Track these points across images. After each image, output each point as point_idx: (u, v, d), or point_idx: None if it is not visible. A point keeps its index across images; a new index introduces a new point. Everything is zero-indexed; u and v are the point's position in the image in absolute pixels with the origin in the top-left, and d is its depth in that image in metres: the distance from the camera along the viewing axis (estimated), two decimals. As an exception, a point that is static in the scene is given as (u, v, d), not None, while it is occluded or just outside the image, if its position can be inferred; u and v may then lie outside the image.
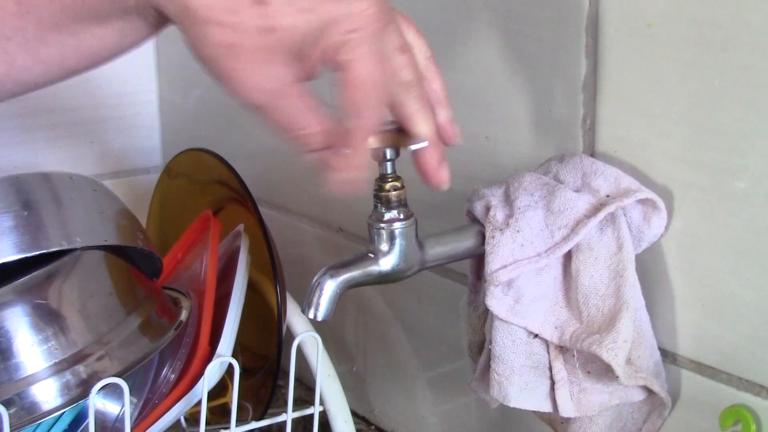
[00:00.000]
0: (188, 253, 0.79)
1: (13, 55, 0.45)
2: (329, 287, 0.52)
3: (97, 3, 0.45)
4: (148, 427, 0.62)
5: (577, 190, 0.56)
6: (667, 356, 0.57)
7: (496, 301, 0.55)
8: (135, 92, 1.12)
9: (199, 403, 0.62)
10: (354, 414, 0.73)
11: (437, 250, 0.56)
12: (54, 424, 0.63)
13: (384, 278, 0.54)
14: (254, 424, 0.69)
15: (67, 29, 0.45)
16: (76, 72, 0.48)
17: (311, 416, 0.67)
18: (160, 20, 0.46)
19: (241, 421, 0.69)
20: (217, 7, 0.42)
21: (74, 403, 0.58)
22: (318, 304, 0.52)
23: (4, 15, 0.44)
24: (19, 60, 0.46)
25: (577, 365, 0.55)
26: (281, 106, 0.45)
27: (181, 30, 0.44)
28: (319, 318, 0.52)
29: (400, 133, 0.50)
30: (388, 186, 0.53)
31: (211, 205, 0.82)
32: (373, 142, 0.50)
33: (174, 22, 0.44)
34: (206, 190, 0.84)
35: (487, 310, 0.57)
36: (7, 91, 0.47)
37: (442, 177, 0.51)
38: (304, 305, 0.52)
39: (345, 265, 0.53)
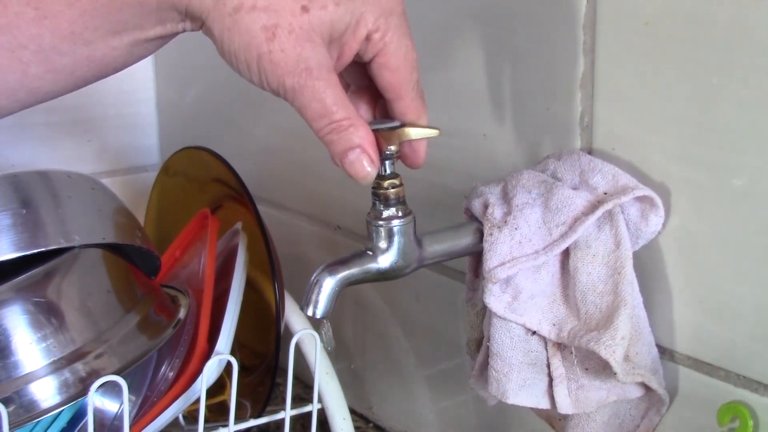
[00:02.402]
0: (186, 251, 0.79)
1: (27, 63, 0.46)
2: (328, 284, 0.52)
3: (115, 9, 0.45)
4: (146, 425, 0.62)
5: (574, 188, 0.56)
6: (665, 353, 0.57)
7: (494, 298, 0.55)
8: (133, 90, 1.12)
9: (197, 400, 0.62)
10: (352, 411, 0.73)
11: (435, 247, 0.56)
12: (52, 422, 0.63)
13: (382, 275, 0.54)
14: (252, 422, 0.69)
15: (82, 38, 0.46)
16: (85, 82, 0.49)
17: (309, 414, 0.67)
18: (172, 33, 0.47)
19: (239, 418, 0.69)
20: None
21: (73, 400, 0.58)
22: (316, 302, 0.52)
23: (20, 22, 0.45)
24: (33, 68, 0.46)
25: (575, 362, 0.55)
26: (315, 88, 0.45)
27: (209, 25, 0.44)
28: (318, 315, 0.52)
29: (401, 129, 0.50)
30: (386, 183, 0.53)
31: (209, 203, 0.82)
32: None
33: (201, 18, 0.44)
34: (204, 188, 0.84)
35: (485, 308, 0.57)
36: (19, 100, 0.48)
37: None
38: (303, 303, 0.52)
39: (343, 263, 0.53)
